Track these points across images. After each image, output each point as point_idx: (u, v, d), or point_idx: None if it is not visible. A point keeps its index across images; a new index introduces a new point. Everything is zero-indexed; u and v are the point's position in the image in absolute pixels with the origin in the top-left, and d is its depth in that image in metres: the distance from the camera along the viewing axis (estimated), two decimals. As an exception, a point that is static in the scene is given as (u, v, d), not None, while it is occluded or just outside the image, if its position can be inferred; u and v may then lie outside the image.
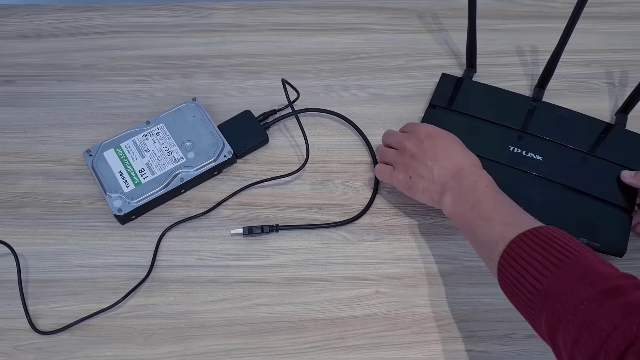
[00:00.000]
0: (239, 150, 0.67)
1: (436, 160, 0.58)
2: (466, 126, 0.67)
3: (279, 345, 0.57)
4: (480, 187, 0.55)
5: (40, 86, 0.73)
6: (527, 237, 0.48)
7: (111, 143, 0.65)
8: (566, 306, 0.42)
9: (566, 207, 0.61)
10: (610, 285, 0.41)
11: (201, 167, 0.64)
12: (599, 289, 0.41)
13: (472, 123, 0.67)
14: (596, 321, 0.40)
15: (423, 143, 0.59)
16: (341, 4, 0.81)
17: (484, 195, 0.54)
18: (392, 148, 0.63)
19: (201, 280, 0.60)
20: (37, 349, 0.57)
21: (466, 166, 0.57)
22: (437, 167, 0.58)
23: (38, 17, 0.78)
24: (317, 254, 0.62)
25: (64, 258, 0.61)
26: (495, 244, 0.50)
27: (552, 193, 0.62)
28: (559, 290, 0.44)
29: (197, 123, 0.67)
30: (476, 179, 0.56)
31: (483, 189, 0.55)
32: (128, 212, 0.61)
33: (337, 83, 0.74)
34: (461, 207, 0.55)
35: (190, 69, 0.74)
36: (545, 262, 0.45)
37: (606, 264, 0.44)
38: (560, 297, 0.43)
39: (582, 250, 0.46)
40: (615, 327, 0.38)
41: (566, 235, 0.48)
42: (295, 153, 0.68)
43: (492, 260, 0.51)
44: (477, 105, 0.68)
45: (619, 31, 0.78)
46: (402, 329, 0.58)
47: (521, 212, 0.53)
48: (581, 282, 0.43)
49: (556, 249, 0.46)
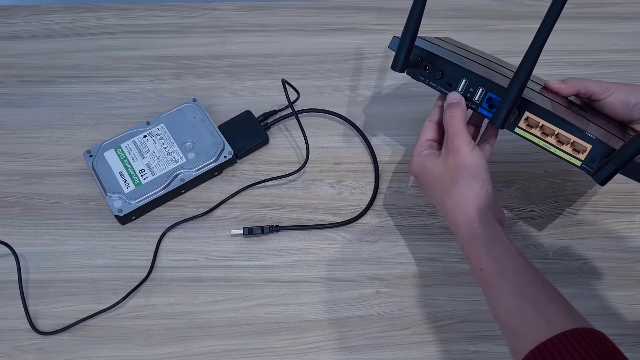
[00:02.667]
0: (240, 151, 0.67)
1: (445, 202, 0.52)
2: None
3: (279, 346, 0.57)
4: (475, 271, 0.49)
5: (40, 87, 0.73)
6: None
7: (111, 143, 0.65)
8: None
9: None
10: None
11: (201, 168, 0.64)
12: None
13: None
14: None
15: (446, 172, 0.53)
16: (341, 4, 0.81)
17: (483, 286, 0.48)
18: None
19: (201, 280, 0.60)
20: (37, 349, 0.57)
21: (460, 226, 0.51)
22: (446, 210, 0.53)
23: (39, 18, 0.79)
24: (317, 255, 0.62)
25: (64, 258, 0.61)
26: (511, 349, 0.45)
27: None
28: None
29: (197, 123, 0.67)
30: (469, 253, 0.50)
31: (478, 274, 0.49)
32: (128, 212, 0.61)
33: (337, 83, 0.74)
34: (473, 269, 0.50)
35: (190, 69, 0.74)
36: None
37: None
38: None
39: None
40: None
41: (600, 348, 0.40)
42: (296, 153, 0.68)
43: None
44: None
45: (620, 31, 0.78)
46: (402, 330, 0.58)
47: (525, 304, 0.45)
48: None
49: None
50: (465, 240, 0.50)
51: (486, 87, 0.53)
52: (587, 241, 0.63)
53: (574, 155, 0.51)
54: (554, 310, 0.44)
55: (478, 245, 0.49)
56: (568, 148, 0.51)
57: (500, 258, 0.48)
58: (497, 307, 0.46)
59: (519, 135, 0.53)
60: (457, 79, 0.55)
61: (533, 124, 0.52)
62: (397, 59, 0.55)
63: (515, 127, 0.52)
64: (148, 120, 0.67)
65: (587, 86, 0.56)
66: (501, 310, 0.46)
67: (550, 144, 0.51)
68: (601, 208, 0.65)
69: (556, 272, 0.61)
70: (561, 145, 0.51)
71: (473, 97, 0.54)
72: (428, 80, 0.57)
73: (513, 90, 0.49)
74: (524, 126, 0.52)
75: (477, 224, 0.50)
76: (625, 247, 0.62)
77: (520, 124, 0.52)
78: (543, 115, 0.51)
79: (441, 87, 0.56)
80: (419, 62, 0.56)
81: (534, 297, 0.45)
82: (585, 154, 0.50)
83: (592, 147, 0.49)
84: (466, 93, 0.54)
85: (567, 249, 0.62)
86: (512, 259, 0.48)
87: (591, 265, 0.61)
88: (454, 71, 0.55)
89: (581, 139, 0.50)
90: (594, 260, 0.62)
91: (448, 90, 0.55)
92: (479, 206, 0.50)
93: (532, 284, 0.46)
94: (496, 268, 0.47)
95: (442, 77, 0.56)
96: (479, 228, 0.50)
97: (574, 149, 0.51)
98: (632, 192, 0.66)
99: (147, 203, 0.62)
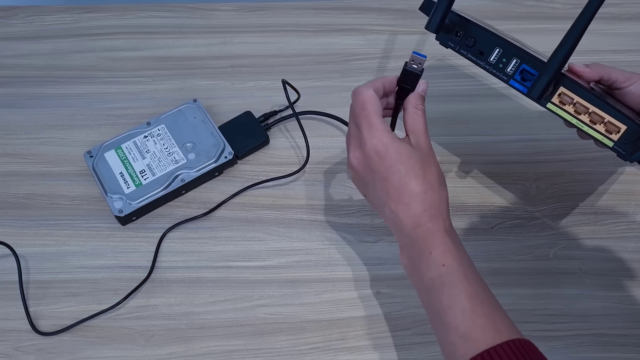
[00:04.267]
0: (240, 151, 0.67)
1: (387, 197, 0.48)
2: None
3: (279, 346, 0.57)
4: (434, 265, 0.46)
5: (41, 87, 0.73)
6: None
7: (112, 144, 0.65)
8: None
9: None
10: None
11: (202, 168, 0.64)
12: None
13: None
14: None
15: (371, 163, 0.48)
16: (342, 5, 0.81)
17: (440, 281, 0.45)
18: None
19: (202, 281, 0.60)
20: (38, 350, 0.57)
21: (423, 221, 0.47)
22: (387, 208, 0.48)
23: (39, 19, 0.79)
24: (318, 255, 0.62)
25: (65, 259, 0.61)
26: (448, 356, 0.44)
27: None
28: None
29: (197, 124, 0.67)
30: (432, 247, 0.46)
31: (437, 268, 0.45)
32: (129, 213, 0.61)
33: (337, 84, 0.74)
34: (415, 282, 0.48)
35: (191, 70, 0.74)
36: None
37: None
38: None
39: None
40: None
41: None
42: (296, 154, 0.68)
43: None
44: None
45: (620, 32, 0.78)
46: (403, 330, 0.58)
47: (479, 309, 0.44)
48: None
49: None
50: (436, 233, 0.47)
51: (520, 59, 0.51)
52: (587, 241, 0.63)
53: (607, 136, 0.49)
54: (500, 318, 0.44)
55: (447, 241, 0.47)
56: (601, 128, 0.49)
57: (464, 259, 0.47)
58: (449, 307, 0.44)
59: (550, 110, 0.51)
60: (490, 47, 0.52)
61: (566, 101, 0.50)
62: (434, 17, 0.51)
63: (549, 102, 0.51)
64: (148, 120, 0.67)
65: (610, 73, 0.55)
66: (453, 311, 0.44)
67: (583, 122, 0.50)
68: (602, 208, 0.65)
69: (557, 273, 0.61)
70: (594, 125, 0.50)
71: (506, 67, 0.51)
72: (458, 47, 0.54)
73: (557, 59, 0.46)
74: (557, 102, 0.50)
75: (448, 220, 0.49)
76: (626, 248, 0.62)
77: (554, 99, 0.50)
78: (579, 92, 0.49)
79: (472, 56, 0.53)
80: (451, 27, 0.53)
81: (486, 302, 0.45)
82: (619, 134, 0.49)
83: (627, 129, 0.48)
84: (498, 63, 0.52)
85: (568, 249, 0.62)
86: (471, 263, 0.48)
87: (592, 266, 0.61)
88: (488, 39, 0.52)
89: (616, 119, 0.48)
90: (595, 261, 0.62)
91: (478, 60, 0.53)
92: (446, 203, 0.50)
93: (485, 290, 0.46)
94: (459, 268, 0.46)
95: (474, 45, 0.53)
96: (448, 224, 0.48)
97: (606, 129, 0.49)
98: (632, 193, 0.66)
99: (148, 204, 0.62)
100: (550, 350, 0.56)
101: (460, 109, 0.72)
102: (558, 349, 0.57)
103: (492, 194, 0.66)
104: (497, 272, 0.61)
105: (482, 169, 0.68)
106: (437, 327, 0.45)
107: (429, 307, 0.47)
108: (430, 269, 0.46)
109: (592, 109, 0.49)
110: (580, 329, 0.58)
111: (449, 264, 0.46)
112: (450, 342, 0.43)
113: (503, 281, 0.60)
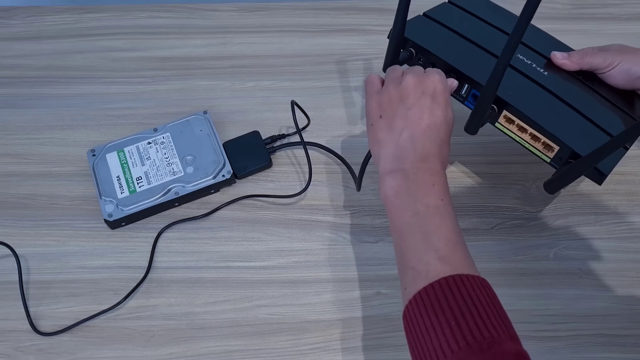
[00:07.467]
0: (240, 172, 0.65)
1: (416, 126, 0.50)
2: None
3: (280, 347, 0.57)
4: (433, 195, 0.48)
5: (41, 88, 0.73)
6: (449, 288, 0.43)
7: (115, 146, 0.65)
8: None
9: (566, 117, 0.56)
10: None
11: (198, 184, 0.63)
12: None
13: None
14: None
15: (420, 94, 0.51)
16: (342, 5, 0.81)
17: (434, 209, 0.47)
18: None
19: (202, 281, 0.60)
20: (38, 350, 0.57)
21: (432, 159, 0.49)
22: (407, 132, 0.50)
23: (39, 19, 0.79)
24: (318, 255, 0.62)
25: (65, 259, 0.61)
26: (418, 274, 0.45)
27: (550, 103, 0.56)
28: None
29: (202, 137, 0.66)
30: (435, 182, 0.48)
31: (436, 199, 0.48)
32: (118, 218, 0.61)
33: (337, 84, 0.74)
34: (403, 203, 0.48)
35: (191, 70, 0.75)
36: (456, 332, 0.40)
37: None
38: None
39: (499, 331, 0.41)
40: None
41: (493, 297, 0.43)
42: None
43: (405, 290, 0.46)
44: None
45: (620, 32, 0.78)
46: (403, 330, 0.58)
47: (460, 245, 0.46)
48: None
49: (473, 319, 0.41)
50: (441, 174, 0.50)
51: (470, 84, 0.56)
52: (587, 242, 0.63)
53: (544, 153, 0.55)
54: (474, 269, 0.47)
55: (447, 187, 0.50)
56: (540, 145, 0.55)
57: (447, 193, 0.50)
58: (435, 232, 0.46)
59: (499, 129, 0.57)
60: (447, 72, 0.56)
61: (511, 121, 0.56)
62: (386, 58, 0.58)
63: (496, 122, 0.57)
64: (156, 127, 0.67)
65: (590, 62, 0.58)
66: (438, 236, 0.46)
67: (525, 140, 0.56)
68: (602, 209, 0.65)
69: (557, 273, 0.61)
70: (534, 142, 0.55)
71: (460, 91, 0.58)
72: None
73: (481, 107, 0.53)
74: (504, 122, 0.56)
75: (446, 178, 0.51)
76: (626, 248, 0.62)
77: (500, 119, 0.56)
78: (518, 114, 0.54)
79: None
80: (413, 55, 0.59)
81: (465, 250, 0.47)
82: (553, 153, 0.54)
83: (559, 149, 0.53)
84: (458, 86, 0.58)
85: (568, 249, 0.62)
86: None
87: (592, 266, 0.61)
88: (443, 66, 0.57)
89: (550, 140, 0.54)
90: (595, 261, 0.62)
91: None
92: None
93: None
94: (453, 210, 0.49)
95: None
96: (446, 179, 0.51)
97: (544, 147, 0.55)
98: (632, 193, 0.66)
99: (139, 212, 0.62)
100: (550, 350, 0.56)
101: (460, 109, 0.71)
102: (558, 349, 0.57)
103: (492, 194, 0.66)
104: (497, 272, 0.61)
105: (482, 169, 0.68)
106: (414, 246, 0.46)
107: (408, 228, 0.47)
108: (428, 197, 0.48)
109: (529, 130, 0.55)
110: (580, 329, 0.58)
111: (447, 201, 0.48)
112: (425, 262, 0.45)
113: (503, 281, 0.60)
